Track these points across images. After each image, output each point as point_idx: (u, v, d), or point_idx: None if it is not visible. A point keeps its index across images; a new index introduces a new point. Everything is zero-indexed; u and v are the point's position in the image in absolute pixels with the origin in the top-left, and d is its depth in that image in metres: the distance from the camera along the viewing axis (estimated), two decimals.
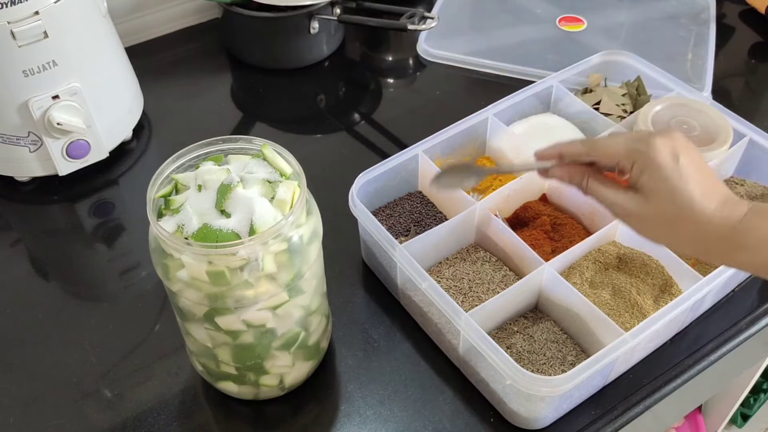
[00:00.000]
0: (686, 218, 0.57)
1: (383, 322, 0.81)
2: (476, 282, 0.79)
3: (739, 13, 1.28)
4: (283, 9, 1.08)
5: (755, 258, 0.55)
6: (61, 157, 0.92)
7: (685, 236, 0.58)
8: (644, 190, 0.58)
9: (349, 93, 1.15)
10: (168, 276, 0.62)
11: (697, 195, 0.56)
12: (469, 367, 0.74)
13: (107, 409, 0.74)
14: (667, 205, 0.57)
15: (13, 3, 0.81)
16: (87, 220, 0.94)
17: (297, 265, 0.63)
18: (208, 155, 0.66)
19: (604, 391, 0.75)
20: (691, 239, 0.58)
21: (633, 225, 0.61)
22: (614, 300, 0.75)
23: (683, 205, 0.56)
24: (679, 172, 0.57)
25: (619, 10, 1.25)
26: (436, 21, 1.05)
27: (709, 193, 0.57)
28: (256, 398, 0.74)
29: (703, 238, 0.57)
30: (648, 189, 0.58)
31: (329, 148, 1.03)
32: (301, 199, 0.62)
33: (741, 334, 0.80)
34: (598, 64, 1.00)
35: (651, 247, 0.79)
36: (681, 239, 0.58)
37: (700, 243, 0.57)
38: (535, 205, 0.87)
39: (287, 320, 0.66)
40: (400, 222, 0.87)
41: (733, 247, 0.56)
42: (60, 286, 0.88)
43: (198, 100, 1.11)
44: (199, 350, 0.69)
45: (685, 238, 0.58)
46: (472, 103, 0.96)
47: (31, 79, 0.86)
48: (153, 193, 0.63)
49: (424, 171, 0.88)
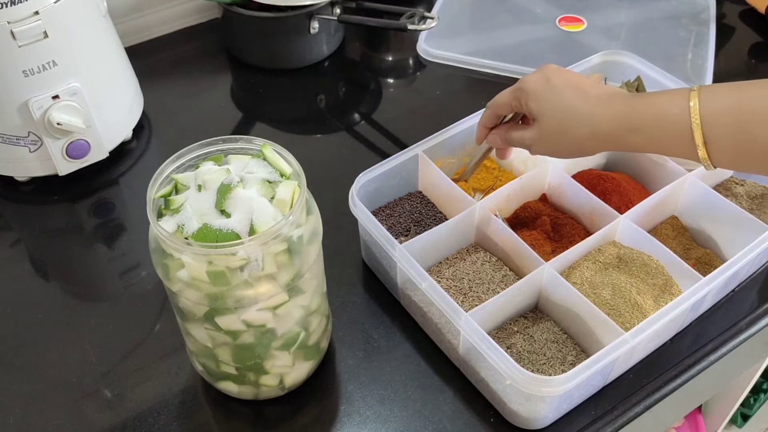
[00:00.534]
0: (573, 121, 0.66)
1: (383, 322, 0.81)
2: (476, 282, 0.79)
3: (739, 13, 1.28)
4: (283, 9, 1.08)
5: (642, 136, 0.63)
6: (61, 157, 0.92)
7: (581, 137, 0.66)
8: (535, 115, 0.69)
9: (349, 93, 1.15)
10: (168, 276, 0.62)
11: (576, 100, 0.66)
12: (469, 367, 0.74)
13: (107, 409, 0.74)
14: (554, 119, 0.67)
15: (13, 3, 0.81)
16: (87, 220, 0.94)
17: (297, 265, 0.63)
18: (208, 155, 0.66)
19: (604, 391, 0.75)
20: (586, 137, 0.66)
21: (539, 149, 0.71)
22: (614, 300, 0.75)
23: (567, 110, 0.66)
24: (552, 88, 0.67)
25: (619, 10, 1.26)
26: (436, 21, 1.05)
27: (588, 95, 0.66)
28: (256, 398, 0.74)
29: (595, 134, 0.65)
30: (536, 113, 0.69)
31: (329, 148, 1.03)
32: (301, 199, 0.62)
33: (741, 334, 0.80)
34: (598, 64, 1.00)
35: (651, 247, 0.79)
36: (580, 142, 0.67)
37: (597, 138, 0.66)
38: (535, 205, 0.87)
39: (287, 320, 0.66)
40: (400, 222, 0.87)
41: (626, 133, 0.63)
42: (60, 286, 0.88)
43: (198, 100, 1.11)
44: (199, 350, 0.69)
45: (582, 139, 0.66)
46: (472, 103, 0.96)
47: (31, 79, 0.86)
48: (153, 193, 0.63)
49: (424, 171, 0.88)
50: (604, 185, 0.86)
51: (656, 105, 0.62)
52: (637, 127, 0.63)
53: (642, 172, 0.90)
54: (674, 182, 0.83)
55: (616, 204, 0.84)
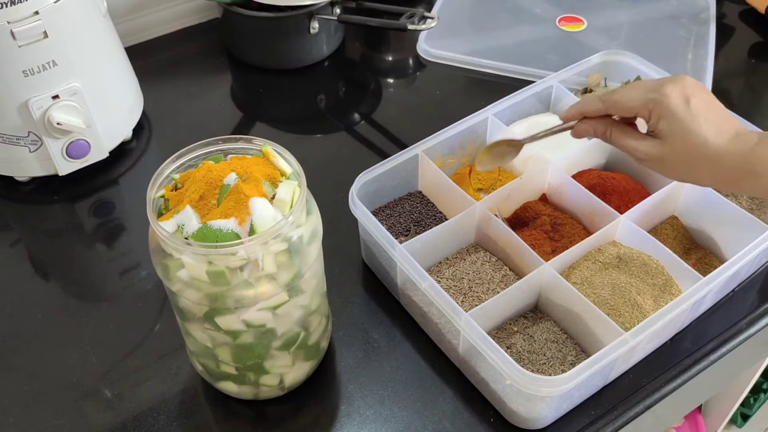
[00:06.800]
0: (701, 155, 0.62)
1: (383, 322, 0.81)
2: (476, 282, 0.79)
3: (739, 13, 1.28)
4: (283, 9, 1.08)
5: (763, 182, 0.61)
6: (61, 157, 0.92)
7: (702, 171, 0.63)
8: (662, 135, 0.63)
9: (349, 93, 1.15)
10: (168, 276, 0.62)
11: (710, 133, 0.61)
12: (469, 367, 0.74)
13: (107, 409, 0.74)
14: (683, 146, 0.63)
15: (13, 3, 0.81)
16: (87, 220, 0.94)
17: (297, 265, 0.63)
18: (208, 155, 0.66)
19: (604, 391, 0.75)
20: (708, 173, 0.63)
21: (654, 167, 0.66)
22: (614, 300, 0.75)
23: (698, 144, 0.62)
24: (691, 114, 0.62)
25: (619, 10, 1.25)
26: (436, 21, 1.05)
27: (720, 129, 0.62)
28: (256, 398, 0.74)
29: (718, 170, 0.62)
30: (665, 134, 0.63)
31: (329, 148, 1.03)
32: (301, 199, 0.62)
33: (741, 334, 0.80)
34: (598, 64, 1.00)
35: (651, 247, 0.79)
36: (699, 174, 0.64)
37: (717, 175, 0.63)
38: (535, 205, 0.87)
39: (287, 320, 0.66)
40: (400, 222, 0.87)
41: (744, 175, 0.61)
42: (60, 286, 0.88)
43: (198, 100, 1.11)
44: (199, 350, 0.69)
45: (703, 172, 0.63)
46: (472, 103, 0.96)
47: (31, 79, 0.86)
48: (153, 193, 0.63)
49: (424, 171, 0.88)
50: (604, 185, 0.86)
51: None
52: (758, 172, 0.60)
53: (642, 172, 0.90)
54: (674, 182, 0.83)
55: (616, 204, 0.84)
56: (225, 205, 0.60)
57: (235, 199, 0.60)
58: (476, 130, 0.91)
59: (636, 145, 0.66)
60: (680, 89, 0.63)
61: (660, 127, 0.63)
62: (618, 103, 0.66)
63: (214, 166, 0.62)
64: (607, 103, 0.67)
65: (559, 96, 0.97)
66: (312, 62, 1.16)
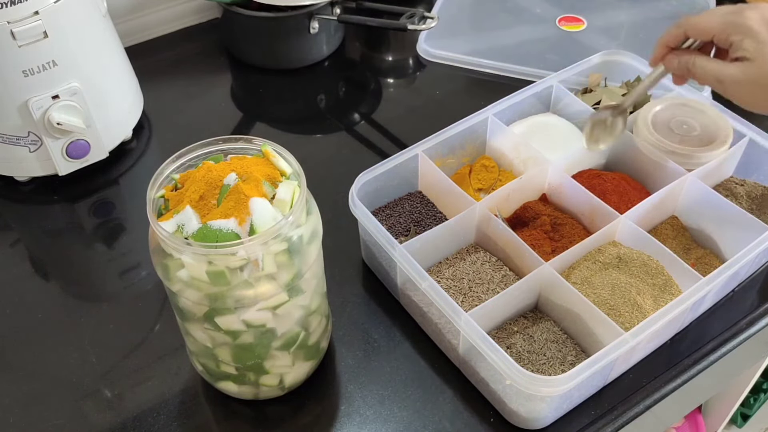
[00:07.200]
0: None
1: (383, 322, 0.81)
2: (476, 282, 0.79)
3: None
4: (283, 9, 1.08)
5: None
6: (61, 157, 0.92)
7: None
8: (747, 56, 0.64)
9: (349, 93, 1.15)
10: (168, 276, 0.62)
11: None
12: (469, 367, 0.74)
13: (107, 409, 0.74)
14: None
15: (13, 3, 0.81)
16: (87, 220, 0.94)
17: (297, 265, 0.63)
18: (208, 155, 0.66)
19: (604, 391, 0.75)
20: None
21: (736, 93, 0.67)
22: (614, 300, 0.75)
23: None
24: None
25: (619, 10, 1.26)
26: (436, 21, 1.05)
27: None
28: (256, 398, 0.74)
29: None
30: (751, 55, 0.64)
31: (329, 148, 1.03)
32: (301, 199, 0.62)
33: (741, 334, 0.80)
34: (598, 64, 1.00)
35: (651, 247, 0.79)
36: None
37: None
38: (535, 205, 0.87)
39: (287, 320, 0.66)
40: (400, 222, 0.87)
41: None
42: (60, 286, 0.88)
43: (198, 100, 1.11)
44: (199, 350, 0.69)
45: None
46: (472, 103, 0.96)
47: (31, 79, 0.86)
48: (153, 193, 0.63)
49: (424, 171, 0.88)
50: (604, 185, 0.86)
51: None
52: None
53: (642, 172, 0.90)
54: (674, 182, 0.83)
55: (616, 204, 0.84)
56: (225, 205, 0.60)
57: (235, 199, 0.60)
58: (476, 130, 0.91)
59: (721, 69, 0.67)
60: (756, 12, 0.64)
61: (746, 46, 0.64)
62: (696, 24, 0.69)
63: (214, 166, 0.62)
64: (684, 26, 0.70)
65: (559, 96, 0.97)
66: (312, 62, 1.16)
